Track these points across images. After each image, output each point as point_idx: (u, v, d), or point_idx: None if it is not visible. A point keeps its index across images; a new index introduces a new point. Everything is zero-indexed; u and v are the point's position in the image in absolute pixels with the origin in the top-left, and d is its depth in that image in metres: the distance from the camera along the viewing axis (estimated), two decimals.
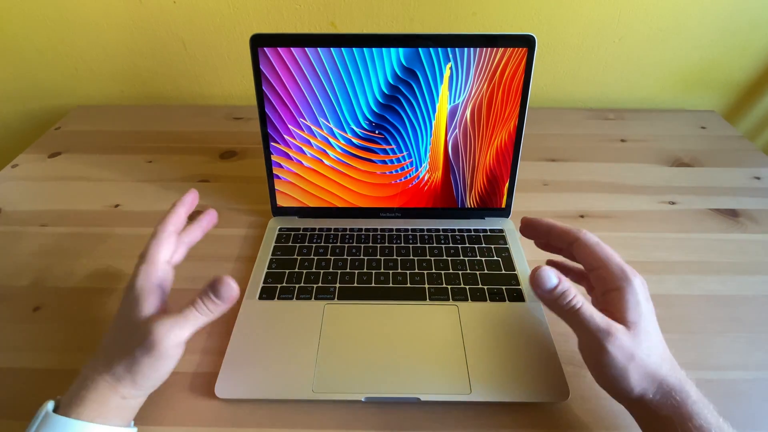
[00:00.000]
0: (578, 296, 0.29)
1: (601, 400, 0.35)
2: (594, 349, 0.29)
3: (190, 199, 0.37)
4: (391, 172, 0.48)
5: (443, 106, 0.44)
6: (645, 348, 0.28)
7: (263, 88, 0.43)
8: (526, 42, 0.41)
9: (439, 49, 0.41)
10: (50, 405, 0.28)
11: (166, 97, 0.76)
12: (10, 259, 0.47)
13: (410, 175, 0.48)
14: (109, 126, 0.69)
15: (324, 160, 0.47)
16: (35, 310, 0.42)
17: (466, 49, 0.41)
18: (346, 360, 0.37)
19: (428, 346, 0.38)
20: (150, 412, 0.33)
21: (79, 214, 0.53)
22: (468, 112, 0.45)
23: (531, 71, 0.42)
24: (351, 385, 0.35)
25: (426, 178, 0.48)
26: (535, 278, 0.30)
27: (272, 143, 0.47)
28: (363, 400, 0.34)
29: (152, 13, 0.66)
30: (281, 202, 0.50)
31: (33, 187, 0.57)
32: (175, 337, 0.29)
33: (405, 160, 0.47)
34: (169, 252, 0.33)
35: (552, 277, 0.29)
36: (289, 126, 0.45)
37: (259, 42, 0.41)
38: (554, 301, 0.30)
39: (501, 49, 0.41)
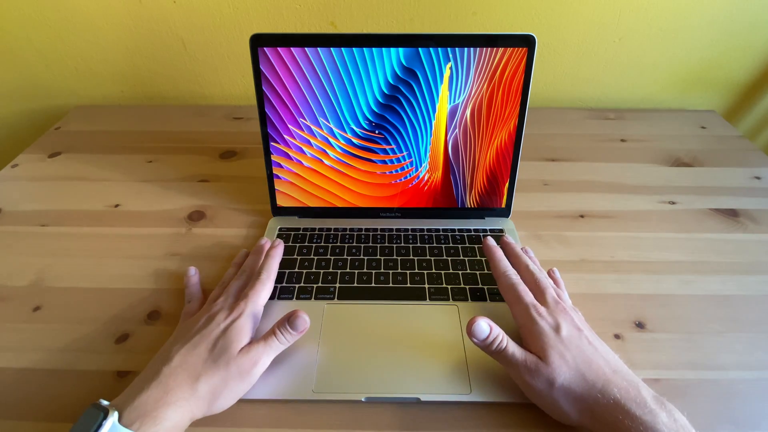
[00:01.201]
0: (504, 338, 0.32)
1: None
2: (520, 382, 0.32)
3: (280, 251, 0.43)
4: (391, 172, 0.48)
5: (443, 106, 0.44)
6: (561, 374, 0.30)
7: (263, 88, 0.43)
8: (526, 42, 0.41)
9: (439, 49, 0.41)
10: (114, 418, 0.26)
11: (165, 97, 0.76)
12: (10, 259, 0.47)
13: (410, 175, 0.48)
14: (109, 126, 0.69)
15: (324, 160, 0.47)
16: (35, 310, 0.42)
17: (466, 48, 0.41)
18: (346, 360, 0.37)
19: (428, 346, 0.38)
20: None
21: (79, 214, 0.53)
22: (468, 112, 0.45)
23: (531, 71, 0.42)
24: (351, 385, 0.35)
25: (426, 178, 0.48)
26: (471, 330, 0.32)
27: (272, 143, 0.46)
28: (363, 400, 0.34)
29: (152, 13, 0.66)
30: (281, 202, 0.50)
31: (33, 187, 0.57)
32: (264, 362, 0.33)
33: (405, 159, 0.47)
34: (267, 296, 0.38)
35: (485, 328, 0.32)
36: (289, 126, 0.45)
37: (259, 42, 0.41)
38: (486, 347, 0.33)
39: (501, 49, 0.41)
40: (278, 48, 0.42)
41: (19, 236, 0.50)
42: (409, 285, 0.43)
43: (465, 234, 0.48)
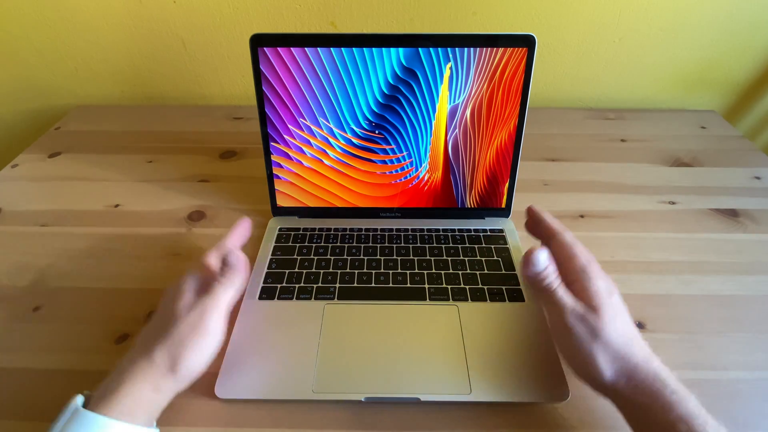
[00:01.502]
0: (557, 279, 0.32)
1: (601, 401, 0.35)
2: (559, 326, 0.31)
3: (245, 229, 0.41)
4: (391, 172, 0.48)
5: (443, 106, 0.44)
6: (611, 329, 0.30)
7: (263, 88, 0.43)
8: (526, 42, 0.41)
9: (439, 49, 0.41)
10: (79, 400, 0.28)
11: (166, 97, 0.76)
12: (10, 259, 0.47)
13: (410, 175, 0.48)
14: (109, 126, 0.69)
15: (324, 160, 0.47)
16: (35, 310, 0.42)
17: (466, 49, 0.41)
18: (346, 360, 0.37)
19: (428, 346, 0.38)
20: None
21: (79, 214, 0.53)
22: (468, 112, 0.45)
23: (531, 71, 0.42)
24: (351, 385, 0.35)
25: (426, 178, 0.48)
26: (530, 258, 0.32)
27: (272, 143, 0.46)
28: (363, 400, 0.34)
29: (152, 13, 0.66)
30: (281, 202, 0.50)
31: (33, 187, 0.57)
32: (213, 311, 0.31)
33: (405, 160, 0.47)
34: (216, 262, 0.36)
35: (544, 261, 0.32)
36: (289, 126, 0.45)
37: (259, 42, 0.41)
38: (537, 281, 0.32)
39: (501, 49, 0.41)
40: (278, 48, 0.42)
41: (19, 236, 0.50)
42: (409, 285, 0.43)
43: (465, 234, 0.48)
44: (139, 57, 0.71)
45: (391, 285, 0.43)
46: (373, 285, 0.43)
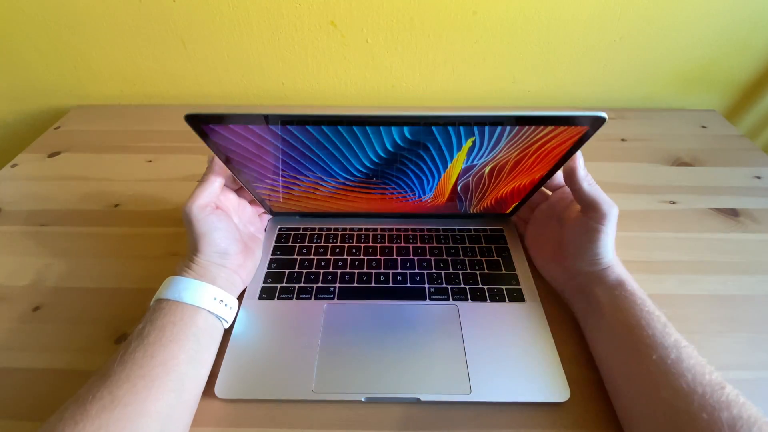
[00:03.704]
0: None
1: (601, 401, 0.35)
2: (603, 207, 0.37)
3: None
4: (391, 199, 0.45)
5: (457, 165, 0.38)
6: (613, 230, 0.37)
7: (224, 153, 0.36)
8: (594, 122, 0.33)
9: (461, 127, 0.33)
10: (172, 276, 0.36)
11: (165, 96, 0.76)
12: (10, 259, 0.47)
13: (412, 200, 0.45)
14: (109, 126, 0.69)
15: (316, 193, 0.43)
16: (35, 310, 0.42)
17: (499, 127, 0.33)
18: (346, 360, 0.37)
19: (428, 346, 0.38)
20: None
21: (79, 214, 0.53)
22: (487, 170, 0.39)
23: (583, 144, 0.35)
24: (351, 385, 0.35)
25: (429, 201, 0.45)
26: (575, 162, 0.38)
27: (255, 184, 0.42)
28: (363, 400, 0.34)
29: (152, 13, 0.66)
30: (277, 209, 0.48)
31: (33, 187, 0.57)
32: (192, 202, 0.37)
33: (406, 193, 0.44)
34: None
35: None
36: (268, 178, 0.40)
37: (201, 121, 0.32)
38: (582, 179, 0.38)
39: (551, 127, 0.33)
40: (224, 128, 0.33)
41: (19, 236, 0.50)
42: (409, 285, 0.43)
43: (465, 234, 0.48)
44: (139, 57, 0.71)
45: (391, 285, 0.43)
46: (373, 285, 0.43)
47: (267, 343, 0.38)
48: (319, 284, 0.43)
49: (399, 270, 0.44)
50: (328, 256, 0.46)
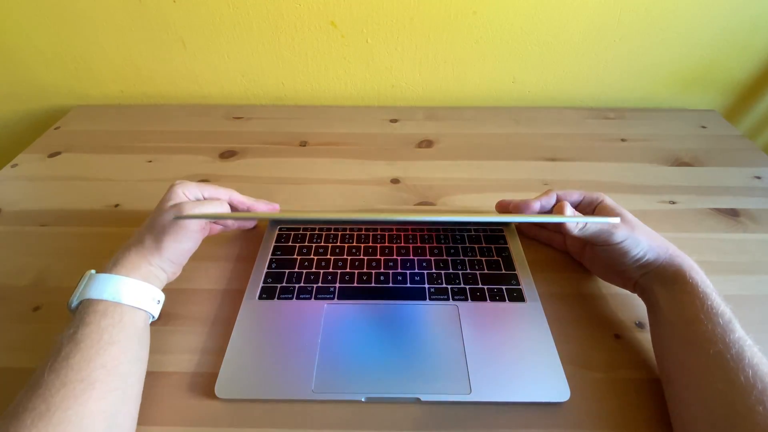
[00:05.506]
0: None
1: (601, 401, 0.35)
2: (604, 234, 0.37)
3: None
4: None
5: None
6: (642, 226, 0.38)
7: None
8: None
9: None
10: (92, 271, 0.35)
11: (165, 96, 0.76)
12: (10, 259, 0.47)
13: None
14: (109, 126, 0.69)
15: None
16: (35, 310, 0.42)
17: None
18: (346, 360, 0.37)
19: (428, 346, 0.38)
20: (150, 412, 0.34)
21: (79, 214, 0.53)
22: None
23: None
24: (351, 385, 0.35)
25: None
26: (563, 208, 0.38)
27: None
28: (363, 400, 0.34)
29: (152, 13, 0.66)
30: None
31: (33, 187, 0.57)
32: (194, 221, 0.38)
33: None
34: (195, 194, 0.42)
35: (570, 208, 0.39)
36: None
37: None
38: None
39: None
40: None
41: (19, 236, 0.50)
42: (409, 285, 0.43)
43: (465, 234, 0.48)
44: (139, 57, 0.71)
45: (391, 285, 0.43)
46: (373, 285, 0.43)
47: (267, 343, 0.38)
48: (319, 284, 0.43)
49: (399, 270, 0.44)
50: (328, 256, 0.46)
